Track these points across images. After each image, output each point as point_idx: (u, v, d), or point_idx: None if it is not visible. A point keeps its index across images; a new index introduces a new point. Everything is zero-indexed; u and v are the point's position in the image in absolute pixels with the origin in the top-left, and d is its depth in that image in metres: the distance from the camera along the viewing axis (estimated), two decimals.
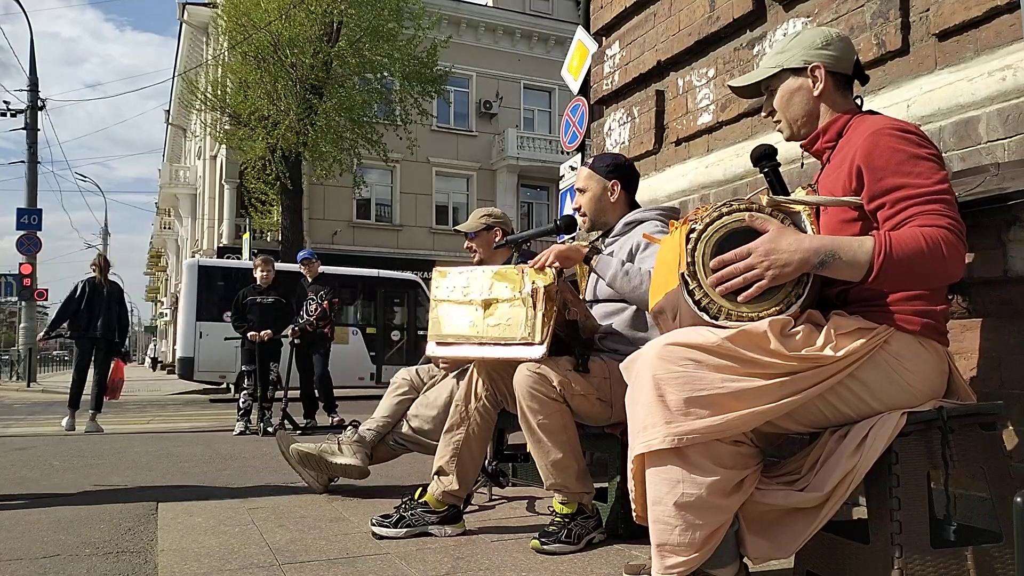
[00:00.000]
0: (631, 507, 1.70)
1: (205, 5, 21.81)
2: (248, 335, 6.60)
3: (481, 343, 2.37)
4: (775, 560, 1.70)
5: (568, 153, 6.45)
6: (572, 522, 2.31)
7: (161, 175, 35.60)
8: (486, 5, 24.35)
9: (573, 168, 6.22)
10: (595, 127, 4.77)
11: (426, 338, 2.63)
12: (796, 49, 1.83)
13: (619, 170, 2.67)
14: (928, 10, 2.59)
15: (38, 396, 14.72)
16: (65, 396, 7.54)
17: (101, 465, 4.34)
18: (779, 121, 1.89)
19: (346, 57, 15.38)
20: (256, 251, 13.45)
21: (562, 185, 6.50)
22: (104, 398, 7.20)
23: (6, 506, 3.08)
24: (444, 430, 2.55)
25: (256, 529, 2.60)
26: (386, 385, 3.44)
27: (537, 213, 24.96)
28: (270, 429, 6.26)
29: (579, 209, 2.70)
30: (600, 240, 2.71)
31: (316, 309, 7.13)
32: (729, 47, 3.58)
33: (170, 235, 42.20)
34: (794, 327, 1.60)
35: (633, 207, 2.69)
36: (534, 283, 2.29)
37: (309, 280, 7.37)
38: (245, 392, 6.56)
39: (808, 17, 3.10)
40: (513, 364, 2.35)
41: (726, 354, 1.56)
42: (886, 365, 1.60)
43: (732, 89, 1.99)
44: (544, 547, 2.26)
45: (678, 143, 3.93)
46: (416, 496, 2.55)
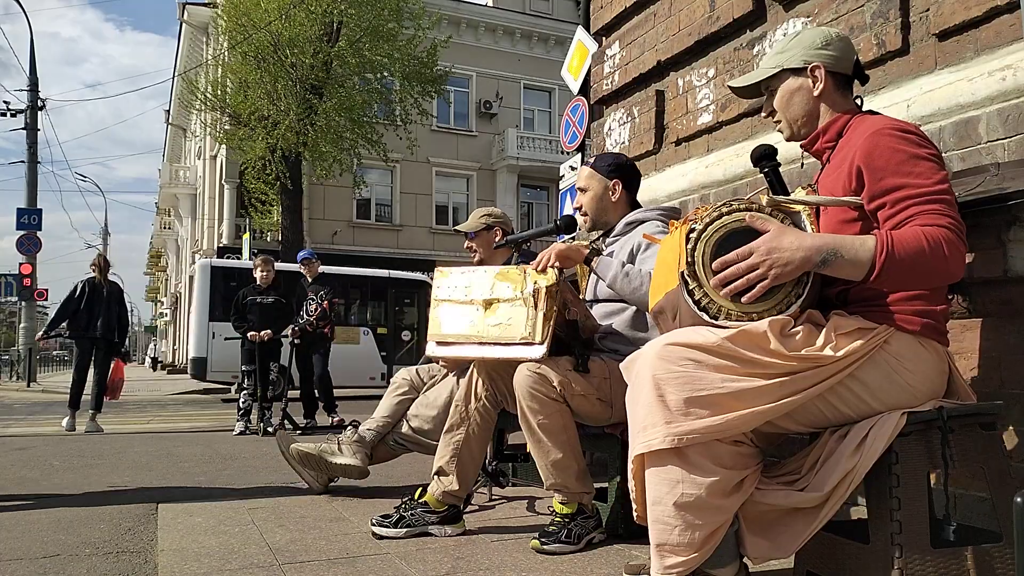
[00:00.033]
0: (631, 507, 1.70)
1: (205, 5, 21.81)
2: (248, 335, 6.61)
3: (481, 343, 2.37)
4: (775, 560, 1.70)
5: (568, 153, 6.45)
6: (572, 522, 2.31)
7: (161, 175, 35.58)
8: (486, 5, 24.36)
9: (573, 168, 6.21)
10: (595, 127, 4.78)
11: None
12: (796, 49, 1.83)
13: (620, 170, 2.67)
14: (928, 10, 2.59)
15: (38, 396, 14.72)
16: (65, 396, 7.54)
17: (101, 465, 4.34)
18: (779, 121, 1.89)
19: (346, 57, 15.38)
20: (256, 251, 13.45)
21: (562, 185, 6.49)
22: (104, 398, 7.20)
23: (6, 506, 3.08)
24: (444, 430, 2.55)
25: (256, 529, 2.60)
26: None
27: (537, 213, 24.96)
28: (270, 429, 6.26)
29: (580, 208, 2.70)
30: (601, 240, 2.71)
31: (316, 309, 7.14)
32: (729, 47, 3.58)
33: (170, 235, 42.20)
34: (794, 327, 1.60)
35: (634, 207, 2.69)
36: (536, 283, 2.29)
37: (309, 280, 7.37)
38: (245, 392, 6.57)
39: (808, 17, 3.10)
40: (513, 364, 2.35)
41: (726, 354, 1.56)
42: (886, 365, 1.60)
43: (732, 89, 1.99)
44: (544, 547, 2.26)
45: (678, 143, 3.93)
46: (416, 496, 2.55)
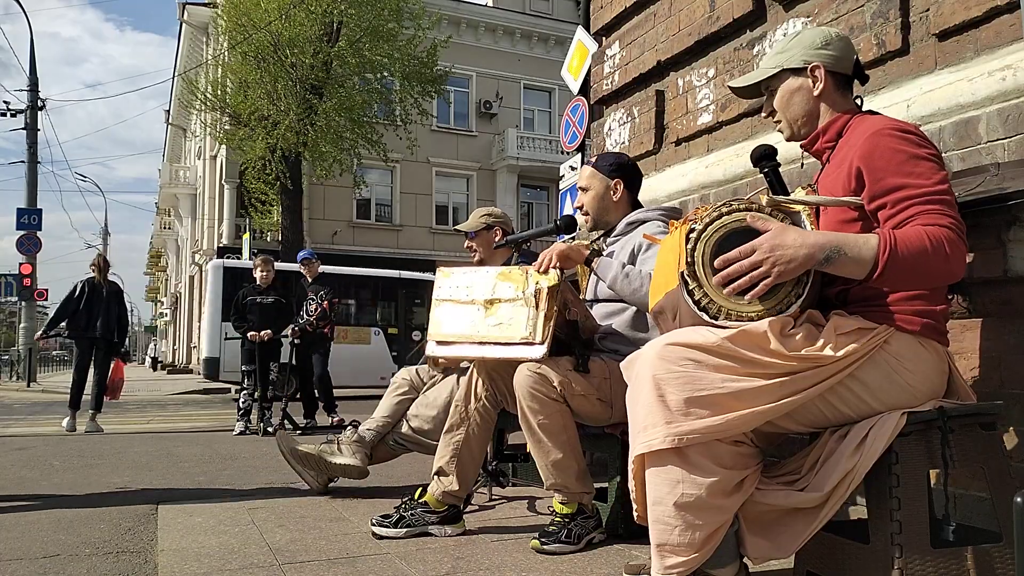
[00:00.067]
0: (631, 507, 1.70)
1: (205, 5, 21.81)
2: (248, 335, 6.61)
3: (482, 343, 2.37)
4: (775, 560, 1.71)
5: (568, 153, 6.44)
6: (572, 522, 2.31)
7: (161, 175, 35.57)
8: (486, 5, 24.35)
9: (573, 168, 6.21)
10: (595, 127, 4.77)
11: None
12: (796, 49, 1.82)
13: (622, 169, 2.67)
14: (928, 10, 2.59)
15: (38, 396, 14.72)
16: (65, 396, 7.54)
17: (101, 465, 4.34)
18: (779, 121, 1.89)
19: (346, 57, 15.37)
20: (256, 251, 13.45)
21: (562, 185, 6.49)
22: (104, 398, 7.20)
23: (6, 506, 3.08)
24: (444, 430, 2.55)
25: (256, 529, 2.60)
26: None
27: (537, 213, 24.96)
28: (270, 429, 6.26)
29: (581, 208, 2.70)
30: (602, 240, 2.71)
31: (316, 309, 7.14)
32: (729, 47, 3.58)
33: (170, 235, 42.19)
34: (794, 327, 1.60)
35: (636, 207, 2.69)
36: (538, 284, 2.29)
37: (309, 280, 7.38)
38: (245, 392, 6.57)
39: (808, 17, 3.10)
40: (513, 364, 2.35)
41: (726, 354, 1.56)
42: (886, 365, 1.59)
43: (732, 89, 1.99)
44: (544, 547, 2.26)
45: (678, 143, 3.93)
46: (416, 496, 2.55)
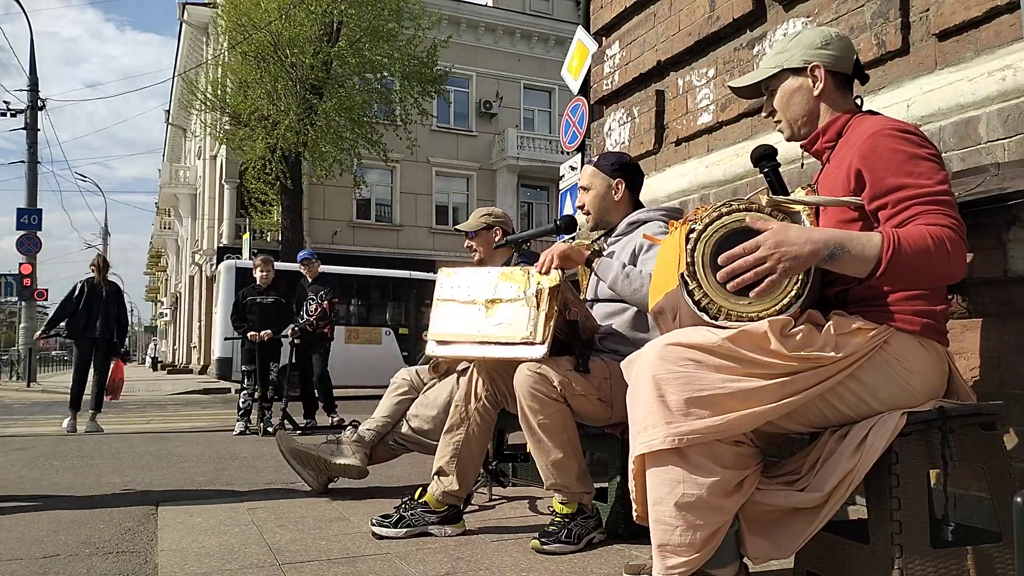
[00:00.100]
0: (631, 507, 1.70)
1: (205, 5, 21.80)
2: (248, 335, 6.61)
3: (482, 343, 2.37)
4: (775, 560, 1.71)
5: (568, 153, 6.44)
6: (572, 522, 2.31)
7: (161, 175, 35.57)
8: (486, 5, 24.35)
9: (573, 168, 6.21)
10: (595, 127, 4.77)
11: None
12: (796, 49, 1.82)
13: (624, 169, 2.67)
14: (928, 10, 2.59)
15: (38, 396, 14.72)
16: (65, 396, 7.54)
17: (101, 465, 4.34)
18: (779, 121, 1.89)
19: (346, 57, 15.37)
20: (256, 251, 13.45)
21: (562, 185, 6.49)
22: (105, 398, 7.20)
23: (6, 506, 3.08)
24: (444, 430, 2.54)
25: (256, 529, 2.60)
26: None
27: (537, 213, 24.95)
28: (270, 429, 6.26)
29: (583, 207, 2.69)
30: (603, 239, 2.71)
31: (316, 309, 7.14)
32: (729, 47, 3.58)
33: (170, 235, 42.18)
34: (794, 327, 1.60)
35: (637, 207, 2.68)
36: (539, 284, 2.29)
37: (309, 280, 7.38)
38: (245, 392, 6.57)
39: (808, 17, 3.10)
40: (513, 364, 2.34)
41: (726, 354, 1.56)
42: (886, 365, 1.60)
43: (732, 89, 1.99)
44: (544, 547, 2.26)
45: (678, 143, 3.93)
46: (416, 496, 2.55)
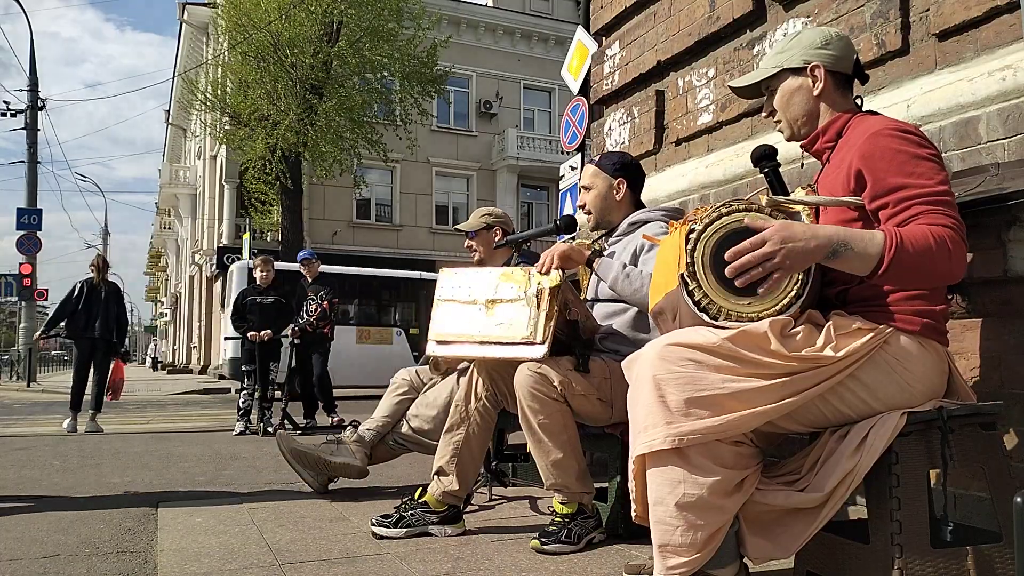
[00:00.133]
0: (631, 507, 1.70)
1: (205, 5, 21.80)
2: (248, 335, 6.61)
3: (482, 342, 2.37)
4: (775, 560, 1.70)
5: (568, 153, 6.44)
6: (572, 522, 2.31)
7: (161, 175, 35.58)
8: (486, 5, 24.35)
9: (573, 168, 6.21)
10: (595, 127, 4.77)
11: None
12: (796, 49, 1.82)
13: (625, 169, 2.67)
14: (928, 10, 2.59)
15: (38, 396, 14.72)
16: (65, 396, 7.55)
17: (101, 465, 4.34)
18: (779, 121, 1.89)
19: (346, 57, 15.37)
20: (256, 251, 13.45)
21: (562, 185, 6.49)
22: (105, 398, 7.21)
23: (6, 506, 3.08)
24: (444, 430, 2.54)
25: (256, 529, 2.60)
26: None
27: (537, 213, 24.95)
28: (270, 429, 6.26)
29: (584, 206, 2.69)
30: (603, 239, 2.71)
31: (316, 309, 7.14)
32: (729, 47, 3.58)
33: (170, 235, 42.20)
34: (794, 327, 1.60)
35: (638, 207, 2.68)
36: (539, 284, 2.29)
37: (309, 280, 7.38)
38: (245, 392, 6.57)
39: (808, 17, 3.10)
40: (514, 364, 2.34)
41: (726, 354, 1.56)
42: (886, 365, 1.59)
43: (732, 89, 1.99)
44: (544, 547, 2.26)
45: (678, 143, 3.93)
46: (416, 496, 2.55)
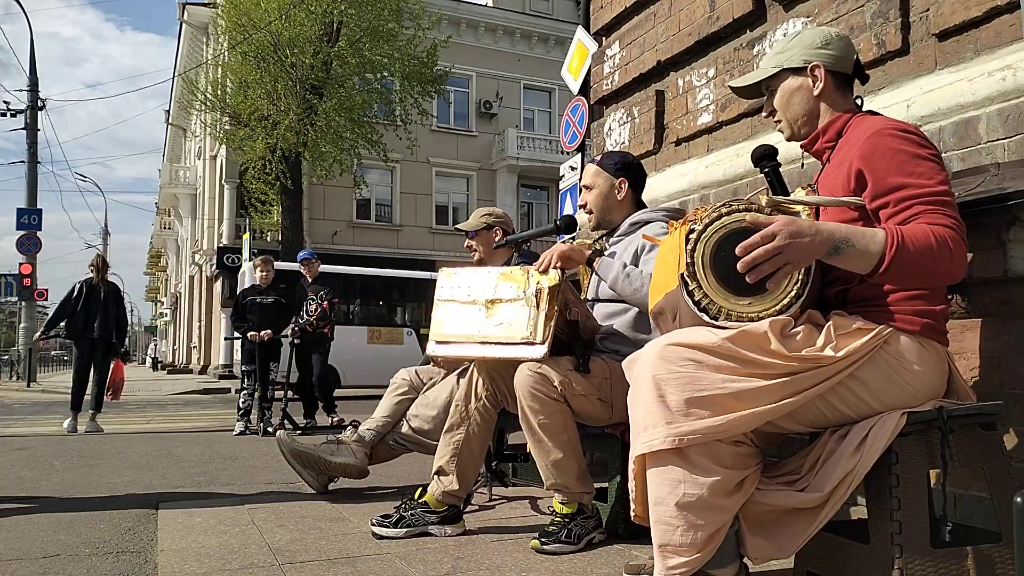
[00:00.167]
0: (631, 507, 1.70)
1: (205, 5, 21.80)
2: (248, 335, 6.61)
3: (482, 343, 2.37)
4: (775, 560, 1.70)
5: (568, 153, 6.44)
6: (572, 522, 2.31)
7: (161, 175, 35.57)
8: (486, 5, 24.35)
9: (573, 168, 6.21)
10: (595, 127, 4.78)
11: None
12: (796, 49, 1.83)
13: (627, 168, 2.66)
14: (928, 10, 2.59)
15: (38, 396, 14.73)
16: (65, 396, 7.55)
17: (101, 465, 4.34)
18: (779, 121, 1.88)
19: (346, 57, 15.37)
20: (256, 251, 13.46)
21: (562, 185, 6.49)
22: (105, 398, 7.21)
23: (6, 506, 3.08)
24: (444, 430, 2.54)
25: (256, 529, 2.60)
26: None
27: (537, 213, 24.95)
28: (270, 429, 6.27)
29: (585, 206, 2.69)
30: (604, 239, 2.71)
31: (316, 309, 7.15)
32: (729, 47, 3.58)
33: (170, 235, 42.20)
34: (794, 327, 1.60)
35: (640, 207, 2.68)
36: (538, 283, 2.29)
37: (309, 280, 7.38)
38: (245, 392, 6.57)
39: (808, 17, 3.10)
40: (514, 364, 2.34)
41: (727, 354, 1.56)
42: (886, 365, 1.59)
43: (732, 89, 1.99)
44: (544, 547, 2.26)
45: (678, 143, 3.93)
46: (416, 496, 2.55)
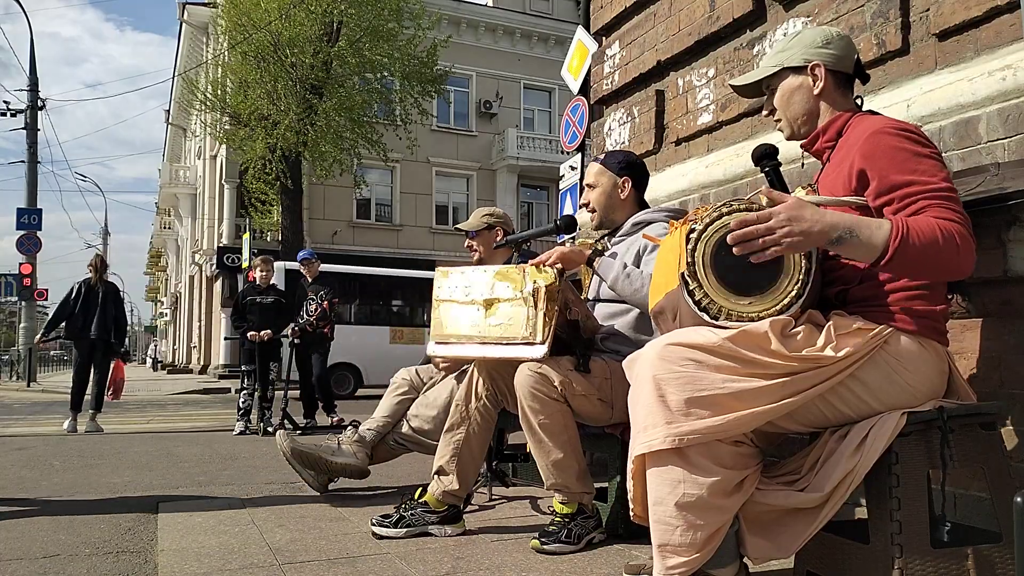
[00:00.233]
0: (630, 507, 1.70)
1: (205, 5, 21.80)
2: (248, 335, 6.61)
3: (482, 343, 2.37)
4: (775, 560, 1.70)
5: (568, 153, 6.44)
6: (572, 522, 2.31)
7: (161, 175, 35.59)
8: (486, 5, 24.35)
9: (573, 168, 6.21)
10: (595, 127, 4.78)
11: None
12: (796, 48, 1.82)
13: (631, 168, 2.66)
14: (928, 10, 2.59)
15: (38, 396, 14.72)
16: (65, 396, 7.55)
17: (101, 465, 4.34)
18: (780, 120, 1.88)
19: (346, 57, 15.37)
20: (256, 251, 13.47)
21: (562, 185, 6.49)
22: (106, 397, 7.21)
23: (6, 506, 3.08)
24: (444, 430, 2.54)
25: (256, 529, 2.60)
26: None
27: (537, 213, 24.95)
28: (270, 429, 6.26)
29: (587, 204, 2.68)
30: (606, 239, 2.70)
31: (316, 309, 7.15)
32: (729, 47, 3.58)
33: (170, 235, 42.21)
34: (794, 327, 1.60)
35: (643, 206, 2.67)
36: (535, 282, 2.29)
37: (309, 280, 7.38)
38: (245, 392, 6.57)
39: (808, 17, 3.10)
40: (514, 364, 2.34)
41: (727, 354, 1.56)
42: (886, 365, 1.59)
43: (733, 88, 1.99)
44: (544, 547, 2.26)
45: (678, 143, 3.93)
46: (416, 496, 2.55)
